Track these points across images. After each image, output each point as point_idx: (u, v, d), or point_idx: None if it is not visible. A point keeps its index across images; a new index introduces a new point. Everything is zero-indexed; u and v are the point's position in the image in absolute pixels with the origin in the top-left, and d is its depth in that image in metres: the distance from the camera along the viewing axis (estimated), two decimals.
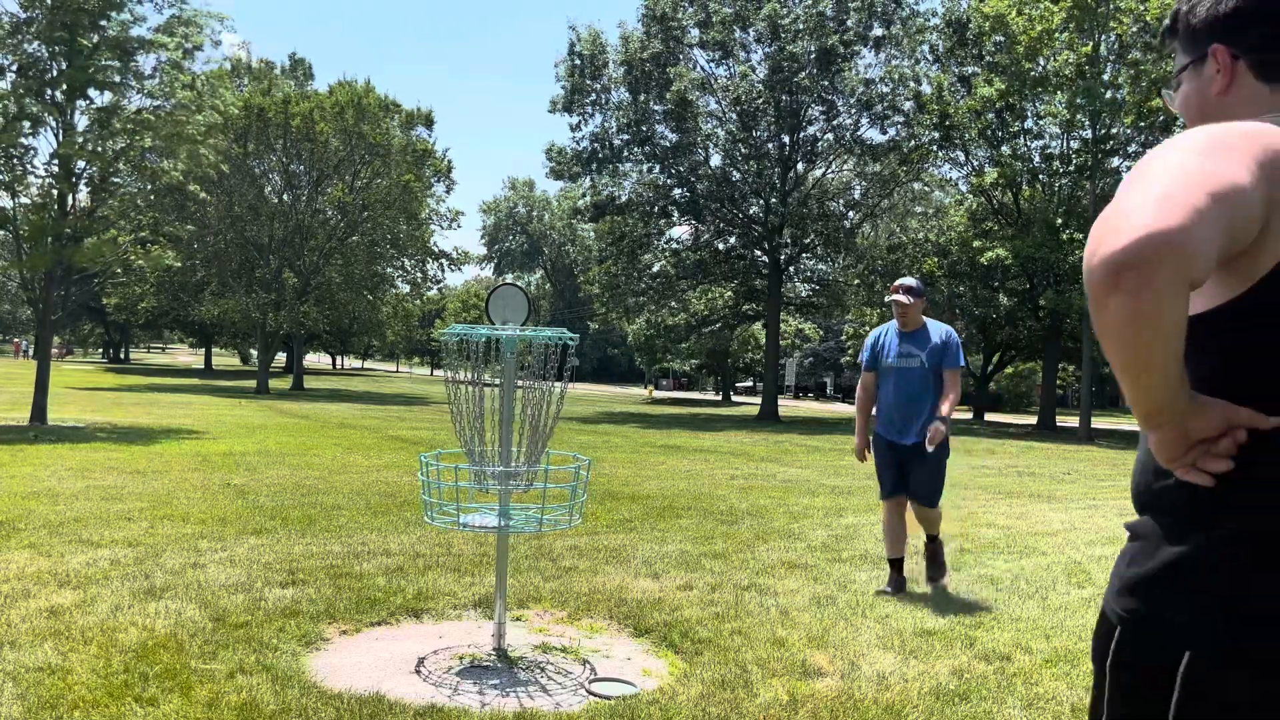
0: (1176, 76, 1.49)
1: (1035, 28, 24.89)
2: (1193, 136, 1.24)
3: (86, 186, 16.76)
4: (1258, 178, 1.17)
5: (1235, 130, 1.24)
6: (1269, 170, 1.18)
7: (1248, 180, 1.16)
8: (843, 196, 34.04)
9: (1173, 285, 1.09)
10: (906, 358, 5.46)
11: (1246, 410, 1.22)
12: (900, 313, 5.50)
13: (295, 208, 34.71)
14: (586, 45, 30.97)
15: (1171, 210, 1.10)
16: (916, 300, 5.50)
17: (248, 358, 72.05)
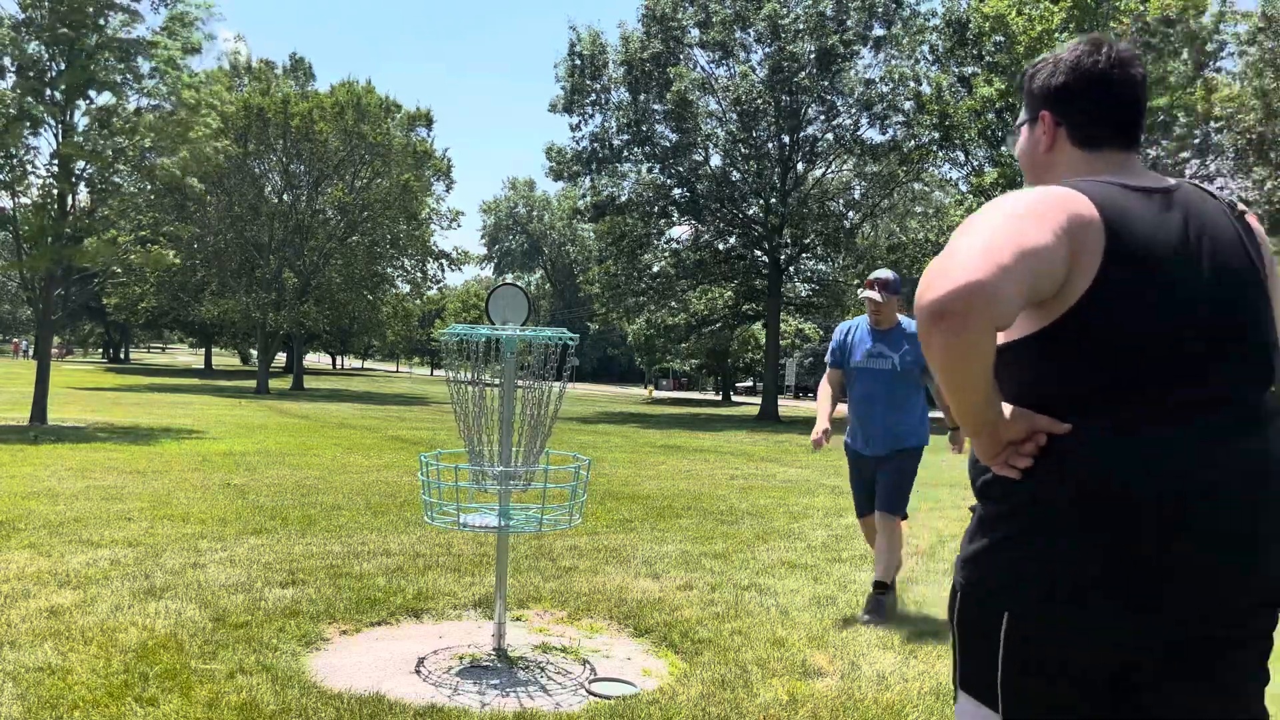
0: (1016, 127, 1.83)
1: (1035, 28, 24.90)
2: (1012, 201, 1.56)
3: (86, 187, 16.76)
4: (1061, 240, 1.49)
5: (1048, 197, 1.56)
6: (1072, 233, 1.51)
7: (1052, 242, 1.48)
8: (843, 196, 34.05)
9: (981, 328, 1.42)
10: (877, 358, 4.96)
11: (1045, 418, 1.56)
12: (873, 310, 4.96)
13: (295, 208, 34.71)
14: (586, 45, 30.98)
15: (984, 266, 1.42)
16: (892, 297, 4.96)
17: (248, 358, 72.05)
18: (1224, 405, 1.57)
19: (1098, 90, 1.70)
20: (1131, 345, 1.55)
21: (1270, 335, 1.66)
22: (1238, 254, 1.64)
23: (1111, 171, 1.68)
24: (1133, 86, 1.71)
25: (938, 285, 1.44)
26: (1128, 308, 1.54)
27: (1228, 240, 1.64)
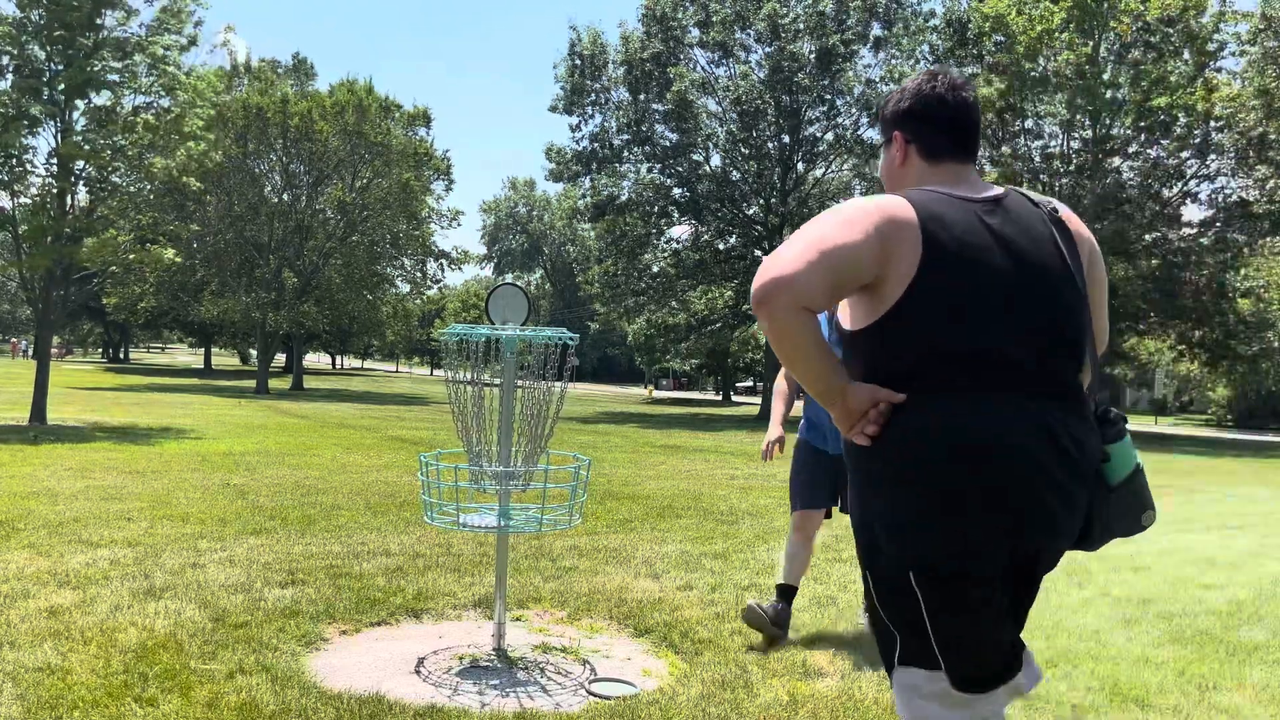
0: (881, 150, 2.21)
1: (1035, 28, 24.90)
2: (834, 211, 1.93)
3: (85, 186, 16.74)
4: (871, 239, 1.84)
5: (868, 204, 1.91)
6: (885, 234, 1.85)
7: (859, 240, 1.83)
8: (843, 196, 34.04)
9: (790, 311, 1.79)
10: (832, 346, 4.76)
11: (885, 390, 1.88)
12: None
13: (295, 207, 34.70)
14: (587, 46, 30.98)
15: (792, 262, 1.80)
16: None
17: (247, 358, 72.05)
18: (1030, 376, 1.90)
19: (937, 111, 2.06)
20: (953, 328, 1.88)
21: (1076, 322, 1.98)
22: (1050, 253, 1.97)
23: (948, 181, 2.03)
24: (966, 108, 2.08)
25: (757, 279, 1.83)
26: (946, 299, 1.88)
27: (1041, 241, 1.97)
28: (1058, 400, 1.92)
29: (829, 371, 1.88)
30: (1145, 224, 27.89)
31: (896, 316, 1.88)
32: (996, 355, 1.88)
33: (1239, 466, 17.35)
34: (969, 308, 1.88)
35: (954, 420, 1.86)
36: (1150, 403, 49.68)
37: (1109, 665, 4.20)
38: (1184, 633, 4.82)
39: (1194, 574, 6.37)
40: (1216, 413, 42.54)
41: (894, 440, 1.88)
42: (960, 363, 1.88)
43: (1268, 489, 13.07)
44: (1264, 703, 3.82)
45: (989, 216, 1.95)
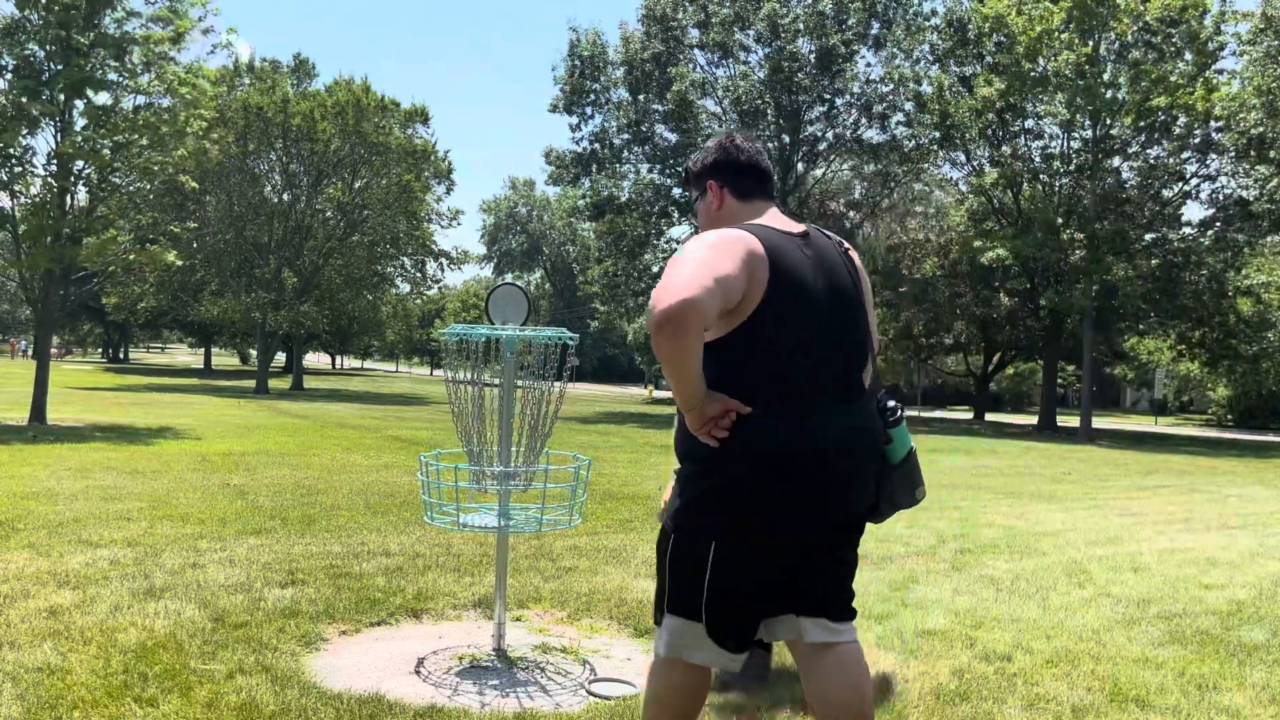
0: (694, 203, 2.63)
1: (1035, 28, 24.88)
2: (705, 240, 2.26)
3: (85, 186, 16.74)
4: (741, 268, 2.19)
5: (731, 236, 2.26)
6: (749, 263, 2.21)
7: (736, 269, 2.18)
8: (843, 196, 34.05)
9: (694, 331, 2.08)
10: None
11: (734, 401, 2.24)
12: None
13: (295, 207, 34.69)
14: (586, 46, 30.97)
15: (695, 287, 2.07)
16: None
17: (247, 357, 72.04)
18: (838, 388, 2.34)
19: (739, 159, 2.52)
20: (786, 347, 2.27)
21: (866, 338, 2.46)
22: (845, 280, 2.41)
23: (764, 216, 2.43)
24: (759, 155, 2.55)
25: (665, 300, 2.07)
26: (784, 320, 2.26)
27: (840, 271, 2.41)
28: (857, 401, 2.40)
29: (701, 383, 2.22)
30: (1145, 224, 27.88)
31: (746, 333, 2.25)
32: (817, 366, 2.31)
33: (1239, 466, 17.35)
34: (799, 327, 2.28)
35: (782, 421, 2.25)
36: (1150, 403, 49.68)
37: (1109, 665, 4.20)
38: (1184, 633, 4.82)
39: (1194, 574, 6.37)
40: (1216, 412, 42.53)
41: (734, 440, 2.25)
42: (791, 372, 2.27)
43: (1268, 489, 13.07)
44: (1264, 703, 3.82)
45: (805, 249, 2.37)
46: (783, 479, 2.24)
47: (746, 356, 2.26)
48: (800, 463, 2.25)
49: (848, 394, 2.37)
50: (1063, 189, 27.52)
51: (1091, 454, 19.22)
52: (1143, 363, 39.59)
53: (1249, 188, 26.55)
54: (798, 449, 2.25)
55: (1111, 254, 24.95)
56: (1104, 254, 24.84)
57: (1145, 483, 13.36)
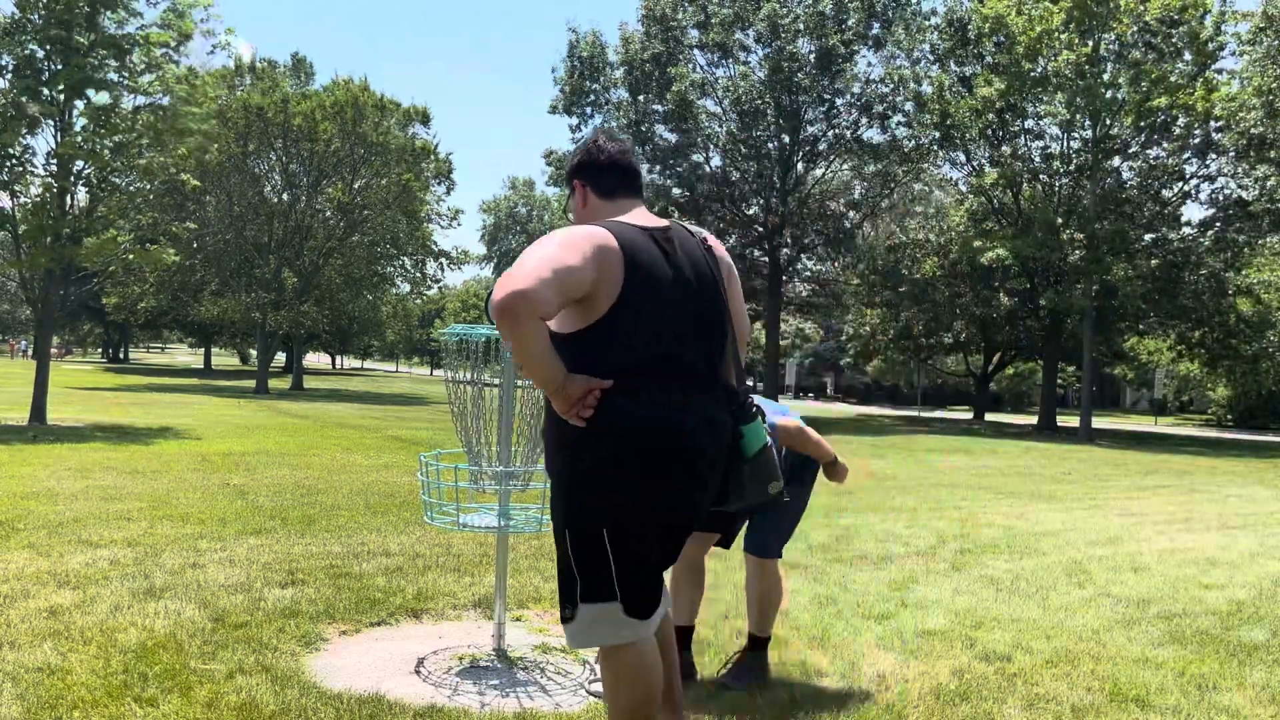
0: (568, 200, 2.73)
1: (1035, 28, 24.88)
2: (555, 235, 2.37)
3: (85, 186, 16.74)
4: (588, 261, 2.30)
5: (581, 232, 2.37)
6: (598, 257, 2.32)
7: (579, 262, 2.29)
8: (843, 196, 34.03)
9: (526, 320, 2.20)
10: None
11: (596, 380, 2.34)
12: None
13: (295, 207, 34.69)
14: (585, 47, 30.95)
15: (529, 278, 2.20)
16: None
17: (247, 357, 72.02)
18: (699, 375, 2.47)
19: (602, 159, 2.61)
20: (644, 337, 2.38)
21: (726, 330, 2.57)
22: (706, 274, 2.53)
23: (627, 213, 2.53)
24: (624, 153, 2.64)
25: (499, 292, 2.21)
26: (640, 312, 2.37)
27: (701, 265, 2.53)
28: (715, 392, 2.52)
29: (554, 367, 2.32)
30: (1145, 224, 27.87)
31: (605, 325, 2.36)
32: (676, 357, 2.44)
33: (1239, 466, 17.35)
34: (658, 320, 2.40)
35: (645, 409, 2.37)
36: (1150, 403, 49.66)
37: (1109, 665, 4.20)
38: (1184, 633, 4.82)
39: (1194, 574, 6.37)
40: (1216, 412, 42.53)
41: (600, 422, 2.35)
42: (651, 363, 2.40)
43: (1268, 489, 13.07)
44: (1264, 703, 3.82)
45: (665, 244, 2.48)
46: (647, 459, 2.37)
47: (606, 347, 2.37)
48: (663, 445, 2.38)
49: (707, 384, 2.50)
50: (1063, 189, 27.51)
51: (1091, 454, 19.22)
52: (1143, 363, 39.58)
53: (1249, 188, 26.55)
54: (660, 432, 2.38)
55: (1111, 254, 24.95)
56: (1104, 254, 24.83)
57: (1145, 483, 13.36)
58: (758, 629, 3.86)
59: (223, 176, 31.83)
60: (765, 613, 3.85)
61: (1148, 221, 27.99)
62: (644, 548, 2.43)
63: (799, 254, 33.38)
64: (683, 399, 2.42)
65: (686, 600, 3.86)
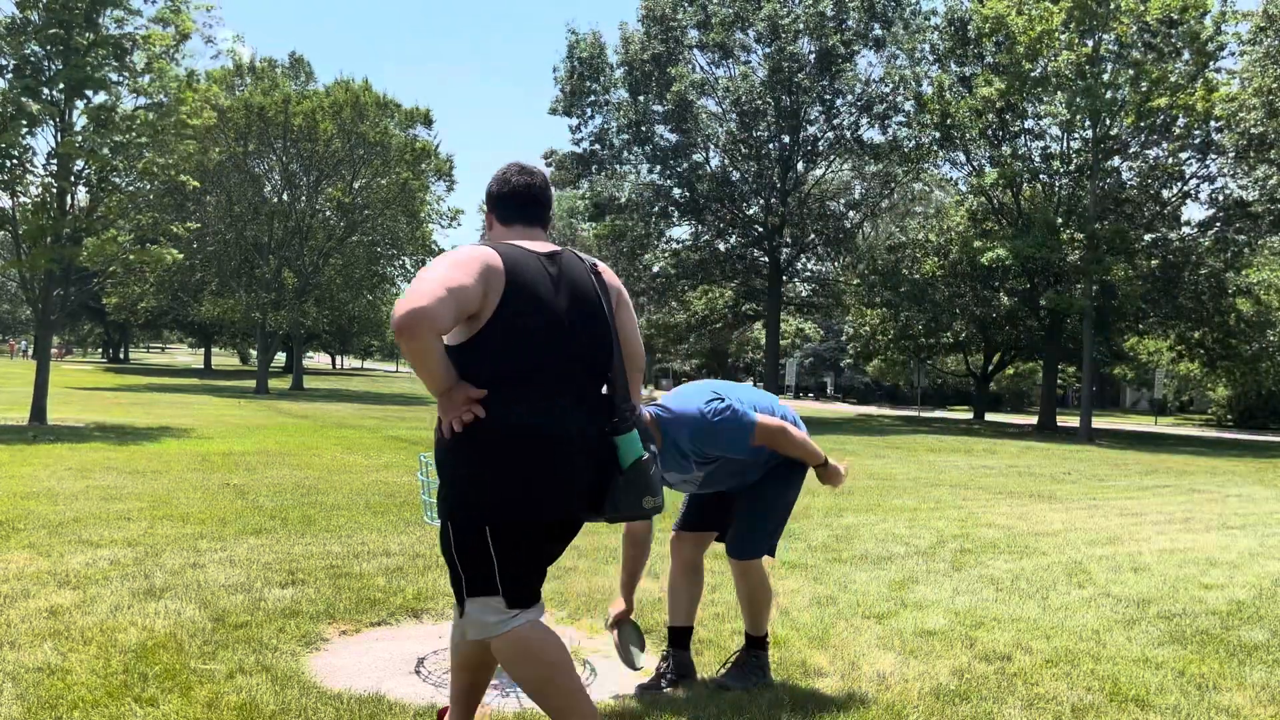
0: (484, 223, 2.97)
1: (1035, 28, 24.87)
2: (448, 256, 2.58)
3: (85, 186, 16.74)
4: (478, 279, 2.51)
5: (473, 252, 2.58)
6: (485, 275, 2.53)
7: (471, 281, 2.49)
8: (843, 196, 34.03)
9: (423, 335, 2.38)
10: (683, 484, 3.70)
11: (476, 389, 2.54)
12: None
13: (295, 207, 34.69)
14: (585, 48, 30.96)
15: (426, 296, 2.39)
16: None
17: (247, 357, 72.04)
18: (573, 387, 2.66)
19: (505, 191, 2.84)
20: (520, 350, 2.58)
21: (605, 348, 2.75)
22: (589, 297, 2.73)
23: (520, 239, 2.77)
24: (526, 187, 2.84)
25: (398, 310, 2.40)
26: (516, 326, 2.56)
27: (584, 288, 2.72)
28: (588, 404, 2.70)
29: (446, 378, 2.52)
30: (1145, 224, 27.87)
31: (486, 337, 2.56)
32: (550, 371, 2.62)
33: (1239, 466, 17.35)
34: (533, 332, 2.59)
35: (518, 418, 2.57)
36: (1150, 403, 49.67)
37: (1109, 665, 4.20)
38: (1184, 633, 4.82)
39: (1194, 574, 6.38)
40: (1216, 412, 42.53)
41: (477, 428, 2.55)
42: (527, 374, 2.60)
43: (1268, 489, 13.07)
44: (1264, 703, 3.82)
45: (550, 266, 2.69)
46: (519, 463, 2.57)
47: (486, 357, 2.57)
48: (533, 450, 2.58)
49: (580, 396, 2.69)
50: (1063, 189, 27.51)
51: (1091, 454, 19.23)
52: (1143, 363, 39.57)
53: (1249, 188, 26.55)
54: (530, 438, 2.58)
55: (1111, 254, 24.94)
56: (1104, 254, 24.83)
57: (1145, 483, 13.36)
58: (752, 629, 3.83)
59: (223, 176, 31.83)
60: (755, 612, 3.80)
61: (1148, 221, 27.99)
62: (521, 544, 2.62)
63: (799, 254, 33.39)
64: (553, 407, 2.61)
65: (685, 600, 3.84)
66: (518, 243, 2.73)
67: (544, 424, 2.58)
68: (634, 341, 2.90)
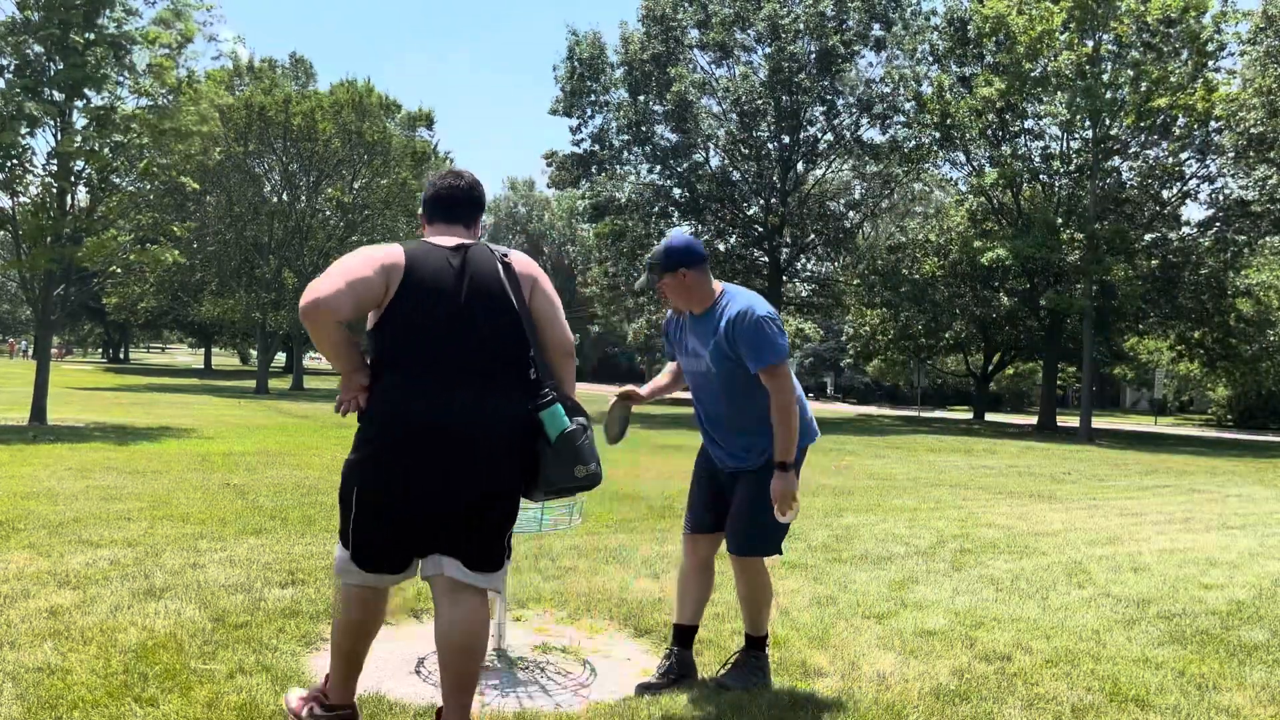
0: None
1: (1035, 28, 24.87)
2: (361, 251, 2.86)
3: (85, 186, 16.74)
4: (379, 272, 2.78)
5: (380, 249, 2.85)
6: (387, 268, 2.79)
7: (371, 274, 2.76)
8: (843, 196, 34.03)
9: (322, 321, 2.69)
10: (693, 358, 3.74)
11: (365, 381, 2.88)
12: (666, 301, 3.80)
13: (295, 207, 34.70)
14: (585, 49, 30.96)
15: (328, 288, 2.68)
16: (669, 278, 3.64)
17: (247, 358, 72.02)
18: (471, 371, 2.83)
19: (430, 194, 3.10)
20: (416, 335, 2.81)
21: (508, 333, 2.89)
22: (493, 286, 2.89)
23: (437, 235, 2.99)
24: (448, 189, 3.07)
25: (304, 297, 2.68)
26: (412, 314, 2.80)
27: (489, 277, 2.89)
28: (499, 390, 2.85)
29: (346, 360, 2.85)
30: (1145, 224, 27.87)
31: (385, 324, 2.81)
32: (452, 360, 2.81)
33: (1239, 466, 17.35)
34: (430, 319, 2.80)
35: (408, 399, 2.79)
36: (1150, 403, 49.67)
37: (1109, 665, 4.20)
38: (1184, 633, 4.82)
39: (1194, 574, 6.38)
40: (1216, 412, 42.53)
41: (369, 409, 2.86)
42: (425, 364, 2.81)
43: (1268, 489, 13.07)
44: (1264, 703, 3.82)
45: (453, 259, 2.89)
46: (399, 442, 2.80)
47: (384, 342, 2.83)
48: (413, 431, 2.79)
49: (490, 385, 2.85)
50: (1063, 189, 27.51)
51: (1091, 454, 19.23)
52: (1143, 363, 39.57)
53: (1249, 188, 26.55)
54: (411, 420, 2.79)
55: (1111, 254, 24.95)
56: (1104, 254, 24.83)
57: (1145, 483, 13.36)
58: (751, 628, 3.80)
59: (223, 176, 31.82)
60: (755, 611, 3.77)
61: (1147, 221, 27.99)
62: (380, 513, 2.87)
63: (799, 254, 33.39)
64: (452, 399, 2.80)
65: (693, 599, 3.82)
66: (431, 239, 2.95)
67: (421, 407, 2.78)
68: (553, 326, 2.99)
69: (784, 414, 3.50)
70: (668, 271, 3.61)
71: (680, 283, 3.61)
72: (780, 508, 3.51)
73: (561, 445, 2.85)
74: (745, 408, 3.59)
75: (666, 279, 3.63)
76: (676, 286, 3.63)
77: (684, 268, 3.59)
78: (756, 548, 3.66)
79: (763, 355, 3.48)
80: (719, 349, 3.56)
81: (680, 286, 3.62)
